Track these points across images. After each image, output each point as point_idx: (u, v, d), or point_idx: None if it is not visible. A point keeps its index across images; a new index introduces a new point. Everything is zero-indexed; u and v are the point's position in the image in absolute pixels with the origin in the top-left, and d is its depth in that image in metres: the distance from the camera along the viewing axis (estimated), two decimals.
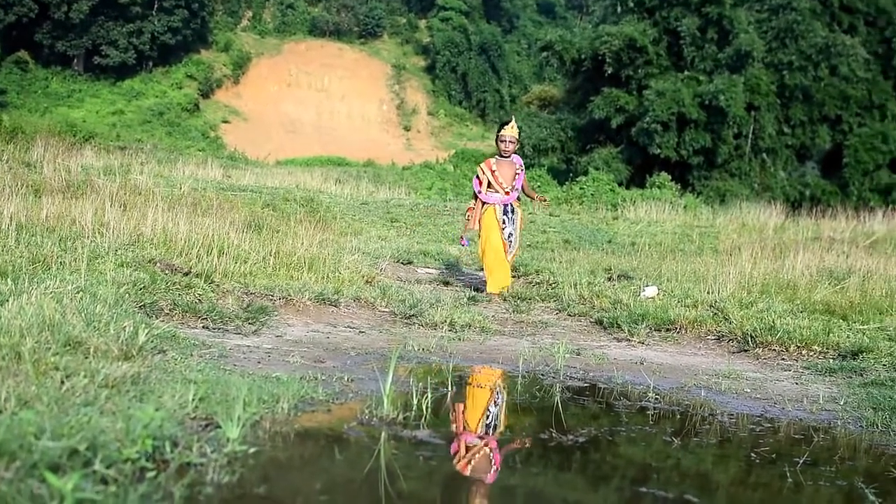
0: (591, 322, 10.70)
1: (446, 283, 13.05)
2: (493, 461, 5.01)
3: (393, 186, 33.47)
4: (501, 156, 12.86)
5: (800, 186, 43.58)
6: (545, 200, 14.50)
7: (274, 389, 5.53)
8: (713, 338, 10.00)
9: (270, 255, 10.70)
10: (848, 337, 9.46)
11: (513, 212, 12.83)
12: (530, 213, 25.21)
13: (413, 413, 5.55)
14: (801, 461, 5.33)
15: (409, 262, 14.70)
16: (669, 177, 38.35)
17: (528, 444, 5.54)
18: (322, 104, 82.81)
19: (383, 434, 5.10)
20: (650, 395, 6.99)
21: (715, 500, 4.70)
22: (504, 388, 7.21)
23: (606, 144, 44.35)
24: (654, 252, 18.04)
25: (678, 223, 27.11)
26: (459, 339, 8.89)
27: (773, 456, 5.47)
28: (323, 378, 6.35)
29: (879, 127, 43.19)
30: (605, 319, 10.44)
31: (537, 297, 11.97)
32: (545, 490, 4.68)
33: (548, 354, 8.34)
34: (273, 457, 4.51)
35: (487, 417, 6.21)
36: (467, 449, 5.12)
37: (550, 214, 26.17)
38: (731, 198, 38.00)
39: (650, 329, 10.07)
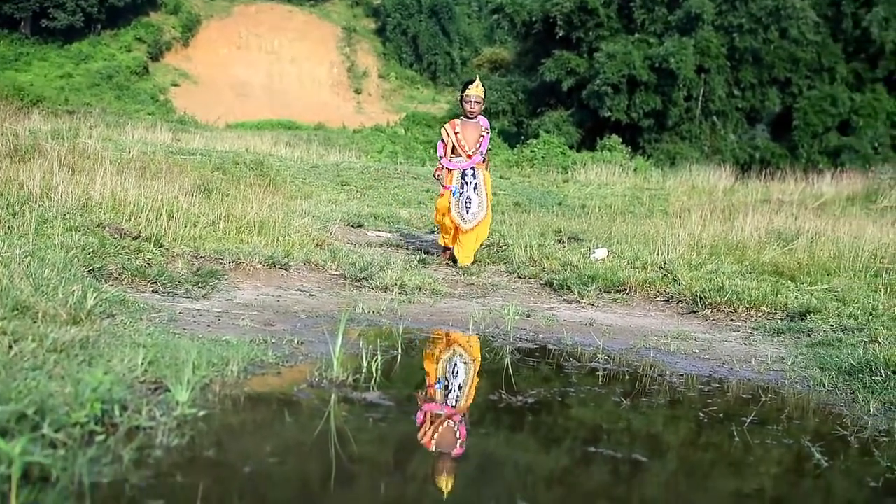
0: (541, 284, 10.73)
1: (397, 246, 13.01)
2: (443, 423, 5.02)
3: (343, 149, 33.38)
4: (467, 117, 11.93)
5: (750, 149, 43.73)
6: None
7: (223, 353, 5.53)
8: (663, 299, 10.07)
9: (220, 219, 10.64)
10: (796, 298, 9.55)
11: (473, 175, 11.82)
12: None
13: (363, 375, 5.56)
14: (749, 420, 5.39)
15: (360, 226, 14.65)
16: (620, 139, 38.47)
17: (477, 406, 5.57)
18: (272, 67, 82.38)
19: (333, 396, 5.11)
20: (599, 356, 7.02)
21: (663, 459, 4.74)
22: (454, 350, 7.23)
23: (557, 107, 44.34)
24: (605, 214, 18.11)
25: (628, 185, 27.20)
26: (410, 302, 8.90)
27: (721, 416, 5.53)
28: (273, 341, 6.35)
29: (829, 90, 43.38)
30: (555, 281, 10.48)
31: (487, 260, 11.96)
32: (495, 451, 4.71)
33: (498, 316, 8.37)
34: (223, 420, 4.51)
35: (437, 380, 6.22)
36: (417, 411, 5.13)
37: (501, 177, 26.19)
38: (682, 160, 38.11)
39: (600, 291, 10.11)
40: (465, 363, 6.82)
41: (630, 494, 4.26)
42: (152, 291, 7.96)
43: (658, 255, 11.54)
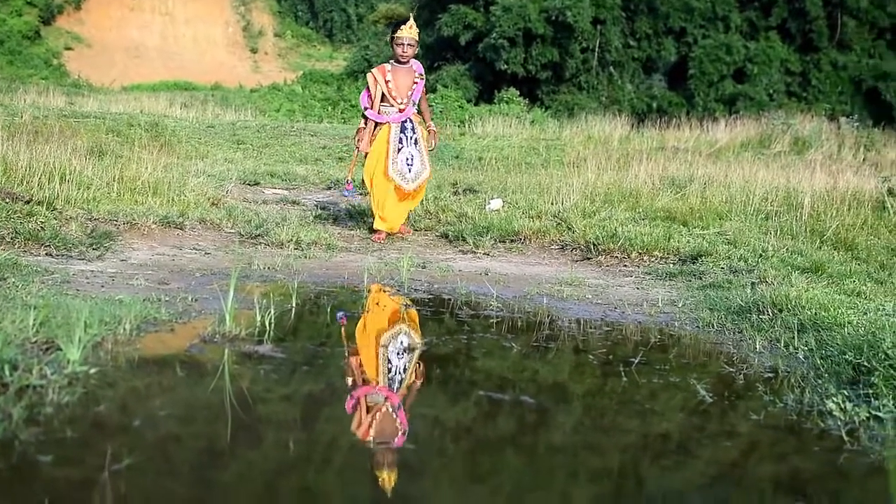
0: (436, 236, 10.81)
1: (293, 203, 12.99)
2: (335, 372, 5.08)
3: (240, 109, 33.09)
4: (398, 61, 10.79)
5: (647, 98, 43.92)
6: (434, 137, 11.05)
7: (116, 311, 5.52)
8: (557, 247, 10.19)
9: (114, 181, 10.57)
10: (688, 242, 9.74)
11: (413, 130, 10.71)
12: None
13: (256, 329, 5.59)
14: (637, 361, 5.49)
15: (256, 184, 14.60)
16: (518, 92, 38.55)
17: (369, 356, 5.63)
18: (166, 28, 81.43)
19: (226, 350, 5.14)
20: (493, 304, 7.11)
21: (550, 400, 4.82)
22: (348, 302, 7.27)
23: (455, 62, 44.19)
24: (501, 166, 18.20)
25: (525, 137, 27.20)
26: (305, 257, 8.92)
27: (610, 357, 5.63)
28: (166, 299, 6.35)
29: (723, 38, 43.59)
30: (450, 233, 10.56)
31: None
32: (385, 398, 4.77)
33: (393, 268, 8.43)
34: (114, 376, 4.53)
35: (330, 331, 6.27)
36: (309, 361, 5.17)
37: None
38: (580, 111, 38.22)
39: (495, 241, 10.21)
40: (358, 314, 6.87)
41: (518, 436, 4.34)
42: (45, 254, 7.92)
43: (552, 204, 11.64)
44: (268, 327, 5.62)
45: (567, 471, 3.94)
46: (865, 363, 5.04)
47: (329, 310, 6.81)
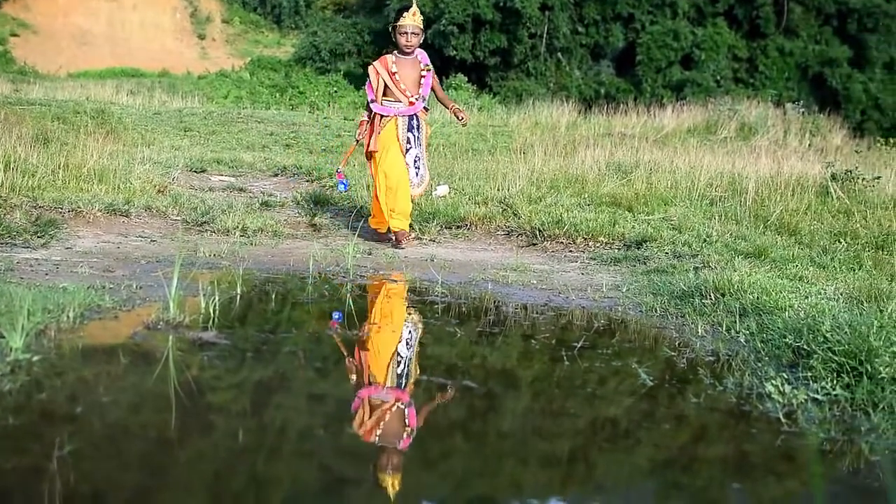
0: None
1: (240, 190, 12.94)
2: (279, 358, 5.08)
3: (188, 96, 32.88)
4: (402, 52, 10.08)
5: (595, 84, 44.01)
6: (463, 117, 10.37)
7: (60, 299, 5.51)
8: (503, 233, 10.22)
9: (59, 168, 10.52)
10: (633, 227, 9.81)
11: (418, 128, 9.94)
12: (326, 118, 25.15)
13: (201, 316, 5.60)
14: (580, 345, 5.53)
15: (203, 171, 14.51)
16: (466, 78, 38.64)
17: (312, 339, 5.64)
18: (114, 14, 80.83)
19: (170, 337, 5.14)
20: (437, 289, 7.14)
21: (494, 384, 4.85)
22: (293, 288, 7.28)
23: None
24: (448, 152, 18.18)
25: (473, 123, 27.06)
26: (251, 244, 8.93)
27: (553, 342, 5.67)
28: (111, 287, 6.33)
29: (671, 25, 43.69)
30: None
31: (331, 201, 11.94)
32: (323, 379, 4.79)
33: (339, 255, 8.44)
34: (57, 363, 4.53)
35: (274, 317, 6.27)
36: (254, 348, 5.18)
37: (345, 118, 26.11)
38: (528, 97, 38.26)
39: (441, 227, 10.24)
40: (303, 300, 6.87)
41: (463, 421, 4.37)
42: None
43: (499, 190, 11.68)
44: (212, 314, 5.62)
45: (511, 455, 3.96)
46: (805, 346, 5.10)
47: (274, 296, 6.82)
